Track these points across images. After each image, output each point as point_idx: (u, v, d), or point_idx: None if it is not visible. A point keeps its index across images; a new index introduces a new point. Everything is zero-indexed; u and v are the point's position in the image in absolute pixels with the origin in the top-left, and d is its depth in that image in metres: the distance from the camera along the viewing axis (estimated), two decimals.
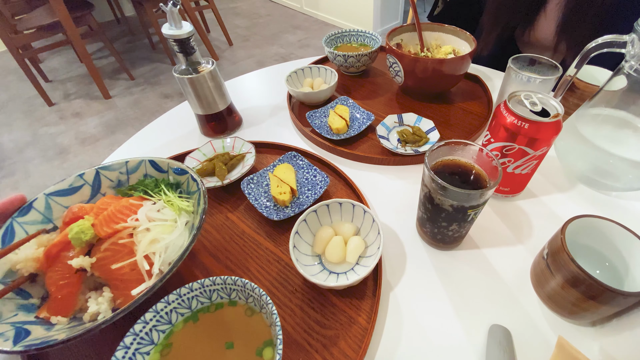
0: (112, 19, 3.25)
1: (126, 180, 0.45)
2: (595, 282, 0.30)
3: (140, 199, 0.41)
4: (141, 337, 0.31)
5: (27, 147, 1.87)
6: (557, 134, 0.39)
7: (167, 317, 0.33)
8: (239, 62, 2.60)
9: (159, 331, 0.33)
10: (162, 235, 0.37)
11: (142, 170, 0.45)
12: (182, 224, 0.39)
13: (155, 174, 0.45)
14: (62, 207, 0.41)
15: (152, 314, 0.32)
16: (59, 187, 0.41)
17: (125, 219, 0.37)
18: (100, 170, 0.44)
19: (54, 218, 0.40)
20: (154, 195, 0.42)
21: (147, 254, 0.36)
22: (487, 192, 0.34)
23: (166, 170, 0.44)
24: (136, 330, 0.31)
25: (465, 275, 0.41)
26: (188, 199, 0.42)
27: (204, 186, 0.40)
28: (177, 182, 0.44)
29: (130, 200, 0.40)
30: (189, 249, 0.34)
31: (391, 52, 0.64)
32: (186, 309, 0.34)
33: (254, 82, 0.83)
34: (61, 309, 0.34)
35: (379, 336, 0.36)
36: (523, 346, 0.34)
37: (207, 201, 0.39)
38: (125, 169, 0.45)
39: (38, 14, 2.01)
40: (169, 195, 0.41)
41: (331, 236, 0.42)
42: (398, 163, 0.57)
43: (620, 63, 0.43)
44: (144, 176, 0.45)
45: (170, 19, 0.51)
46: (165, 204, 0.40)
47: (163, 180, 0.44)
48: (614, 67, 0.45)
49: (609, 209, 0.48)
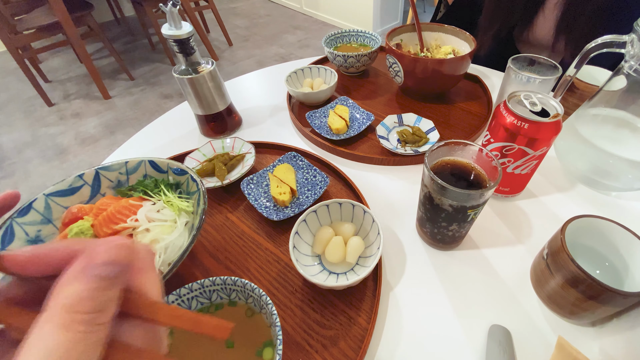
0: (111, 19, 3.24)
1: (126, 181, 0.45)
2: (595, 282, 0.30)
3: (140, 200, 0.41)
4: None
5: (27, 148, 1.87)
6: (556, 134, 0.39)
7: None
8: (239, 63, 2.60)
9: None
10: (161, 235, 0.37)
11: (142, 171, 0.45)
12: (182, 225, 0.39)
13: (155, 174, 0.45)
14: (61, 207, 0.41)
15: None
16: (58, 188, 0.41)
17: (124, 220, 0.37)
18: (100, 170, 0.44)
19: (53, 218, 0.40)
20: (154, 196, 0.42)
21: None
22: (487, 192, 0.34)
23: (166, 170, 0.44)
24: None
25: (465, 275, 0.41)
26: (188, 199, 0.42)
27: (203, 186, 0.40)
28: (176, 183, 0.44)
29: (130, 201, 0.40)
30: (189, 250, 0.34)
31: (391, 52, 0.64)
32: (186, 309, 0.34)
33: (253, 83, 0.83)
34: None
35: (379, 336, 0.36)
36: (523, 346, 0.34)
37: (206, 201, 0.39)
38: (125, 169, 0.45)
39: (37, 14, 2.01)
40: (169, 195, 0.41)
41: (331, 236, 0.42)
42: (398, 163, 0.57)
43: (619, 63, 0.43)
44: (144, 176, 0.45)
45: (169, 19, 0.51)
46: (165, 204, 0.40)
47: (163, 180, 0.44)
48: (613, 68, 0.45)
49: (608, 209, 0.48)
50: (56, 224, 0.40)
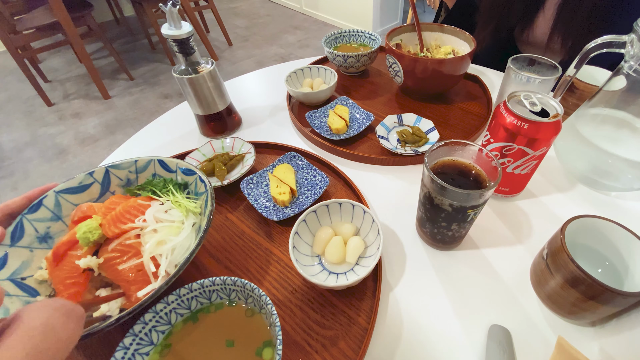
0: (111, 19, 3.24)
1: (135, 179, 0.45)
2: (594, 282, 0.30)
3: (149, 199, 0.41)
4: (140, 338, 0.31)
5: (27, 148, 1.86)
6: (556, 134, 0.39)
7: (166, 318, 0.33)
8: (239, 62, 2.60)
9: (159, 332, 0.32)
10: (169, 236, 0.37)
11: (151, 170, 0.45)
12: (189, 226, 0.39)
13: (164, 173, 0.45)
14: (71, 204, 0.41)
15: (151, 314, 0.32)
16: (68, 185, 0.41)
17: (133, 220, 0.37)
18: (110, 168, 0.44)
19: (63, 215, 0.41)
20: (162, 196, 0.42)
21: (154, 255, 0.36)
22: (487, 193, 0.34)
23: (174, 170, 0.44)
24: (135, 331, 0.31)
25: (465, 275, 0.41)
26: (196, 200, 0.42)
27: (212, 188, 0.40)
28: (185, 183, 0.44)
29: (139, 201, 0.40)
30: (196, 252, 0.34)
31: (391, 52, 0.64)
32: (185, 309, 0.34)
33: (253, 83, 0.83)
34: None
35: (379, 336, 0.36)
36: (523, 346, 0.34)
37: (214, 203, 0.39)
38: (134, 167, 0.45)
39: (37, 14, 2.01)
40: (177, 196, 0.41)
41: (331, 236, 0.42)
42: (397, 163, 0.57)
43: (619, 63, 0.43)
44: (153, 175, 0.45)
45: (169, 19, 0.51)
46: (173, 204, 0.40)
47: (171, 180, 0.44)
48: (613, 68, 0.45)
49: (608, 209, 0.48)
50: (66, 221, 0.41)
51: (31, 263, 0.37)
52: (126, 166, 0.44)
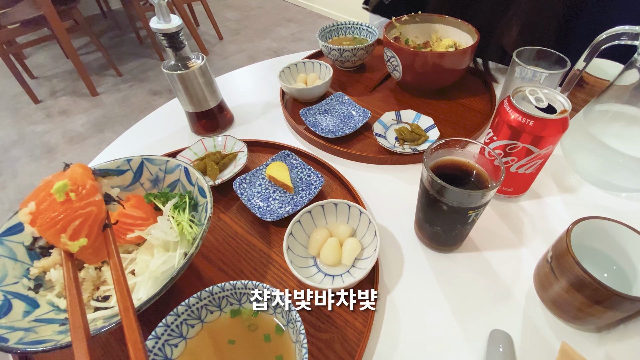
0: (98, 13, 3.16)
1: (162, 178, 0.46)
2: (601, 287, 0.29)
3: (153, 212, 0.41)
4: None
5: (14, 146, 1.83)
6: (563, 131, 0.38)
7: (177, 331, 0.31)
8: (230, 57, 2.56)
9: (172, 345, 0.31)
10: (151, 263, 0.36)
11: (177, 175, 0.45)
12: (180, 255, 0.38)
13: (186, 182, 0.44)
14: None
15: (162, 328, 0.30)
16: (106, 167, 0.43)
17: (132, 230, 0.38)
18: (145, 160, 0.45)
19: None
20: (170, 214, 0.40)
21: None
22: (489, 193, 0.33)
23: (194, 184, 0.43)
24: (149, 346, 0.29)
25: (465, 278, 0.41)
26: (199, 225, 0.40)
27: (209, 220, 0.38)
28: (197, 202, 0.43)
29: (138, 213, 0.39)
30: (172, 282, 0.33)
31: (389, 45, 0.62)
32: (196, 319, 0.32)
33: (245, 78, 0.82)
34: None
35: (376, 340, 0.36)
36: (525, 352, 0.34)
37: (204, 236, 0.37)
38: (164, 167, 0.45)
39: (22, 7, 1.95)
40: (183, 216, 0.40)
41: (326, 238, 0.41)
42: (396, 162, 0.56)
43: (632, 56, 0.41)
44: (175, 181, 0.45)
45: (158, 12, 0.50)
46: (173, 223, 0.39)
47: (189, 193, 0.43)
48: (625, 60, 0.43)
49: (617, 211, 0.47)
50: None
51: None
52: (159, 163, 0.45)
